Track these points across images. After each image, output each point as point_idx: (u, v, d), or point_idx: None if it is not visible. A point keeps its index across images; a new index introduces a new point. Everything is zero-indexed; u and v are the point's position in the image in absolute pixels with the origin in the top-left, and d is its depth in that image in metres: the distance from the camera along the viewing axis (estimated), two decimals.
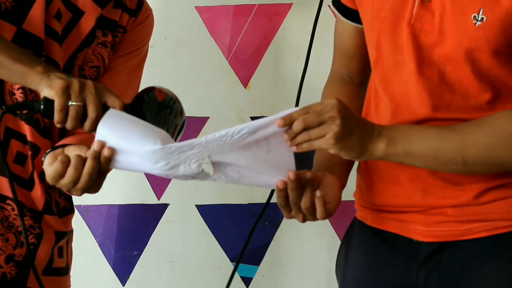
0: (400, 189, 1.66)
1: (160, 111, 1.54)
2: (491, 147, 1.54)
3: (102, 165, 1.52)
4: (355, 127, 1.52)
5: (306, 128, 1.50)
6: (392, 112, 1.66)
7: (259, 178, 1.55)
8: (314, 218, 1.59)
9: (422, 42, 1.59)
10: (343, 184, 1.68)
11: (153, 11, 1.96)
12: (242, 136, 1.49)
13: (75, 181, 1.53)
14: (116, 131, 1.51)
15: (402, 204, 1.67)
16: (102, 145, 1.51)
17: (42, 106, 1.54)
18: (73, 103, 1.53)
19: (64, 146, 1.60)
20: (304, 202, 1.56)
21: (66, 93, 1.52)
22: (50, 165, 1.55)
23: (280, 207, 1.59)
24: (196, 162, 1.50)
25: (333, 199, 1.60)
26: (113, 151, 1.51)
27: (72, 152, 1.55)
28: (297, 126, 1.50)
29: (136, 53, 1.90)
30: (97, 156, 1.51)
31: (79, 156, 1.53)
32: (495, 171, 1.58)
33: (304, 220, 1.60)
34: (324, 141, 1.50)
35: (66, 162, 1.53)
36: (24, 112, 1.56)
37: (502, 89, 1.58)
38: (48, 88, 1.53)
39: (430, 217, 1.64)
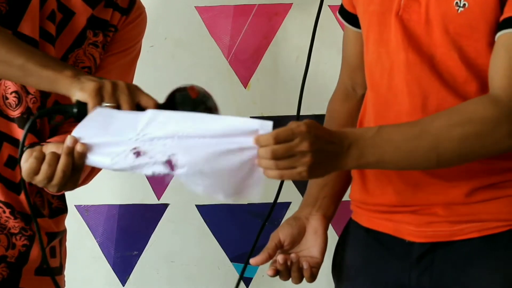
0: (390, 185, 1.66)
1: (194, 108, 1.52)
2: (464, 138, 1.49)
3: (76, 161, 1.51)
4: (326, 152, 1.47)
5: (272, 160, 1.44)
6: (377, 104, 1.66)
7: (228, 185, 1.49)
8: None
9: (411, 32, 1.60)
10: (329, 219, 1.74)
11: (153, 11, 1.96)
12: (215, 138, 1.44)
13: (49, 178, 1.52)
14: (93, 128, 1.50)
15: (394, 202, 1.66)
16: (76, 140, 1.50)
17: (75, 110, 1.52)
18: (107, 105, 1.52)
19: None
20: (295, 281, 1.71)
21: (99, 95, 1.51)
22: (26, 161, 1.54)
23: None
24: (162, 157, 1.46)
25: (317, 258, 1.72)
26: (86, 147, 1.49)
27: (50, 149, 1.54)
28: (264, 154, 1.44)
29: (128, 52, 1.89)
30: (71, 152, 1.50)
31: (53, 153, 1.52)
32: (466, 162, 1.55)
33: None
34: (297, 174, 1.45)
35: (41, 158, 1.52)
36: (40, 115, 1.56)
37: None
38: (81, 91, 1.52)
39: (421, 217, 1.64)
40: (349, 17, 1.79)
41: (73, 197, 2.02)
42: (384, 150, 1.50)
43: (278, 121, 1.46)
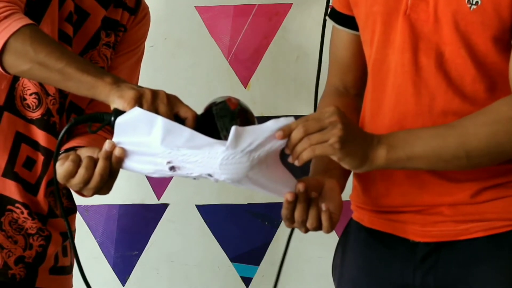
0: (396, 187, 1.65)
1: (233, 119, 1.51)
2: (492, 136, 1.51)
3: (113, 166, 1.52)
4: (356, 133, 1.50)
5: (306, 136, 1.47)
6: (380, 106, 1.66)
7: (266, 189, 1.53)
8: (317, 230, 1.56)
9: (419, 31, 1.60)
10: (342, 188, 1.65)
11: (153, 11, 1.97)
12: (246, 154, 1.46)
13: (86, 181, 1.52)
14: (131, 133, 1.51)
15: (399, 204, 1.66)
16: (114, 145, 1.51)
17: (112, 118, 1.51)
18: None
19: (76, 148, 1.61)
20: (311, 223, 1.53)
21: (138, 103, 1.50)
22: (62, 165, 1.55)
23: (285, 219, 1.55)
24: (198, 175, 1.50)
25: (336, 208, 1.56)
26: (124, 151, 1.51)
27: (85, 153, 1.55)
28: (296, 134, 1.46)
29: (135, 51, 1.91)
30: (109, 156, 1.51)
31: (90, 157, 1.52)
32: (497, 161, 1.56)
33: (306, 231, 1.57)
34: (329, 146, 1.47)
35: (77, 161, 1.53)
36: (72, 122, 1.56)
37: (499, 80, 1.58)
38: (120, 99, 1.51)
39: (427, 217, 1.63)
40: (342, 20, 1.78)
41: (74, 197, 2.02)
42: (413, 145, 1.52)
43: None
